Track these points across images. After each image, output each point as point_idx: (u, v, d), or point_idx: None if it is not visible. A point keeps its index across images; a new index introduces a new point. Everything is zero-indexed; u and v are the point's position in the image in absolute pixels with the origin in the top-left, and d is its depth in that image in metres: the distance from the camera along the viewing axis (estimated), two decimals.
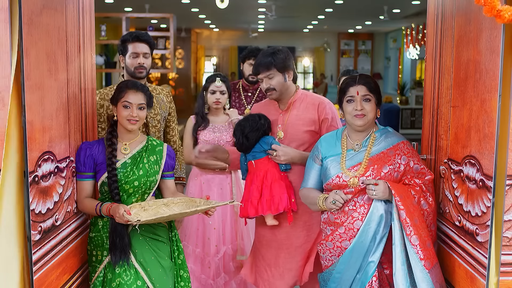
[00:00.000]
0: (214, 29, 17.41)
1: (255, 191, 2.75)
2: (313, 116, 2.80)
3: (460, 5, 2.21)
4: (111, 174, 2.38)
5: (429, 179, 2.35)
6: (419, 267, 2.17)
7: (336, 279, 2.37)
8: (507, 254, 1.89)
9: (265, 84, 2.78)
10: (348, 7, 11.04)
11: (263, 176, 2.76)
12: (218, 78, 3.55)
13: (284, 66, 2.78)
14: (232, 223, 3.65)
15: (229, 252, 3.63)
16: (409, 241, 2.18)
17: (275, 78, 2.76)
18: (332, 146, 2.47)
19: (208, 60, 19.15)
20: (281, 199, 2.70)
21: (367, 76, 2.44)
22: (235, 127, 2.88)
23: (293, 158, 2.75)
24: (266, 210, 2.72)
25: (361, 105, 2.35)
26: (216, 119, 3.60)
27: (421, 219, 2.24)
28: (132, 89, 2.44)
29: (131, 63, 2.98)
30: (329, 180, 2.40)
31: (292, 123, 2.82)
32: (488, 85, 1.91)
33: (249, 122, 2.81)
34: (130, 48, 2.99)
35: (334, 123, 2.82)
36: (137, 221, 2.19)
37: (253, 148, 2.81)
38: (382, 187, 2.24)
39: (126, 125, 2.45)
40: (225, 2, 5.72)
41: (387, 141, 2.39)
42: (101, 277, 2.43)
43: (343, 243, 2.34)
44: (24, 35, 1.82)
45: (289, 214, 2.75)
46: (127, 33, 3.05)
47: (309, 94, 2.92)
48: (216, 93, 3.53)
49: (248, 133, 2.79)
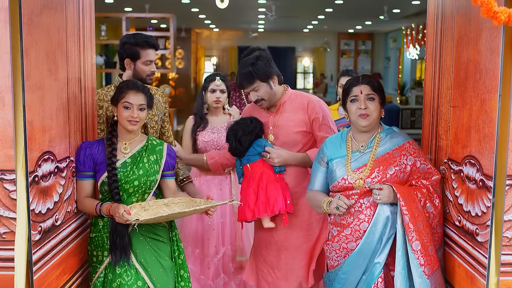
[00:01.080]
0: (214, 29, 17.40)
1: (251, 194, 2.75)
2: (303, 117, 2.78)
3: (460, 5, 2.21)
4: (111, 174, 2.38)
5: (436, 180, 2.33)
6: (418, 273, 2.18)
7: (341, 279, 2.36)
8: (507, 254, 1.89)
9: (252, 97, 2.76)
10: (348, 7, 11.04)
11: (258, 178, 2.76)
12: (218, 77, 3.54)
13: (266, 74, 2.72)
14: (232, 224, 3.64)
15: (229, 253, 3.62)
16: (411, 246, 2.18)
17: (261, 89, 2.73)
18: (337, 148, 2.46)
19: (208, 60, 19.15)
20: (276, 201, 2.70)
21: (370, 76, 2.44)
22: (228, 132, 2.87)
23: (286, 159, 2.75)
24: (262, 212, 2.72)
25: (365, 104, 2.34)
26: (216, 120, 3.58)
27: (425, 224, 2.23)
28: (133, 90, 2.44)
29: (144, 70, 2.92)
30: (335, 182, 2.40)
31: (283, 125, 2.80)
32: (488, 85, 1.91)
33: (241, 126, 2.80)
34: (143, 54, 2.90)
35: (326, 121, 2.79)
36: (136, 220, 2.19)
37: (247, 152, 2.81)
38: (387, 191, 2.24)
39: (127, 126, 2.44)
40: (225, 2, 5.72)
41: (392, 141, 2.38)
42: (101, 278, 2.43)
43: (349, 245, 2.34)
44: (24, 35, 1.82)
45: (284, 216, 2.73)
46: (136, 37, 2.92)
47: (299, 94, 2.88)
48: (216, 91, 3.52)
49: (241, 137, 2.78)
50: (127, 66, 2.94)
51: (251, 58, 2.74)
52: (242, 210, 2.79)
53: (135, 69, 2.91)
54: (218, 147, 3.49)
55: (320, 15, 12.60)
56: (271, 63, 2.77)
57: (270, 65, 2.76)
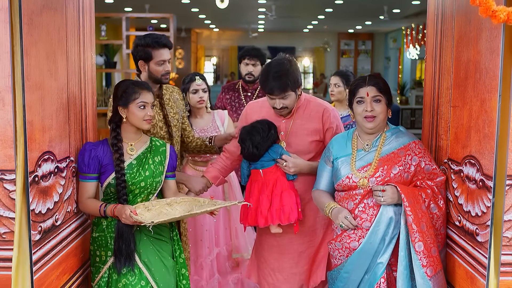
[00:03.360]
0: (214, 29, 17.41)
1: (265, 200, 2.68)
2: (318, 126, 2.73)
3: (460, 5, 2.21)
4: (120, 181, 2.37)
5: (441, 181, 2.32)
6: (420, 274, 2.18)
7: (343, 278, 2.37)
8: (507, 254, 1.89)
9: (278, 104, 2.66)
10: (348, 7, 11.04)
11: (272, 185, 2.70)
12: (197, 76, 3.49)
13: (297, 84, 2.67)
14: (226, 223, 3.62)
15: (224, 253, 3.60)
16: (414, 247, 2.18)
17: (289, 98, 2.66)
18: (343, 147, 2.46)
19: (208, 60, 19.16)
20: (292, 210, 2.64)
21: (376, 77, 2.41)
22: (243, 135, 2.73)
23: (302, 169, 2.69)
24: (276, 220, 2.65)
25: (371, 106, 2.34)
26: (200, 122, 3.53)
27: (429, 225, 2.23)
28: (145, 89, 2.44)
29: (158, 70, 2.86)
30: (339, 181, 2.40)
31: (296, 132, 2.75)
32: (488, 85, 1.91)
33: (259, 132, 2.69)
34: (155, 55, 2.85)
35: (339, 131, 2.76)
36: (151, 222, 2.18)
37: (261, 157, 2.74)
38: (390, 192, 2.24)
39: (143, 126, 2.44)
40: (225, 2, 5.72)
41: (398, 141, 2.37)
42: (105, 278, 2.42)
43: (351, 244, 2.34)
44: (24, 35, 1.82)
45: (296, 224, 2.69)
46: (147, 38, 2.87)
47: (312, 99, 2.82)
48: (198, 91, 3.48)
49: (259, 143, 2.68)
50: (141, 68, 2.89)
51: (285, 65, 2.66)
52: (251, 214, 2.71)
53: (149, 70, 2.85)
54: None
55: (320, 15, 12.60)
56: (299, 70, 2.73)
57: (299, 73, 2.72)
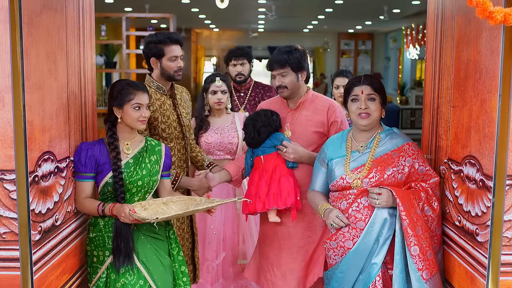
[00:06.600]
0: (214, 29, 17.40)
1: (264, 185, 2.75)
2: (323, 118, 2.82)
3: (460, 5, 2.21)
4: (118, 179, 2.39)
5: (435, 182, 2.34)
6: (416, 277, 2.19)
7: (338, 278, 2.37)
8: (507, 254, 1.89)
9: (277, 81, 2.79)
10: (348, 7, 11.04)
11: (271, 170, 2.77)
12: (218, 77, 3.50)
13: (298, 65, 2.79)
14: (234, 227, 3.61)
15: (229, 258, 3.60)
16: (409, 251, 2.19)
17: (288, 77, 2.78)
18: (338, 148, 2.48)
19: (208, 60, 19.14)
20: (289, 194, 2.71)
21: (371, 77, 2.45)
22: (247, 121, 2.88)
23: (301, 157, 2.76)
24: (273, 204, 2.71)
25: (366, 104, 2.36)
26: (218, 120, 3.54)
27: (424, 228, 2.24)
28: (140, 90, 2.46)
29: (171, 67, 2.88)
30: (334, 181, 2.42)
31: (301, 123, 2.83)
32: (488, 85, 1.92)
33: (262, 117, 2.82)
34: (167, 51, 2.87)
35: (343, 127, 2.83)
36: (156, 218, 2.24)
37: (263, 143, 2.82)
38: (385, 196, 2.25)
39: (138, 126, 2.46)
40: (225, 2, 5.72)
41: (392, 142, 2.39)
42: (103, 278, 2.42)
43: (346, 243, 2.34)
44: (24, 35, 1.82)
45: (293, 211, 2.74)
46: (158, 35, 2.88)
47: (320, 96, 2.93)
48: (217, 93, 3.48)
49: (260, 127, 2.80)
50: (154, 65, 2.91)
51: (289, 47, 2.82)
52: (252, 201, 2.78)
53: (161, 67, 2.88)
54: (221, 148, 3.47)
55: (320, 15, 12.60)
56: (306, 59, 2.85)
57: (305, 60, 2.83)
